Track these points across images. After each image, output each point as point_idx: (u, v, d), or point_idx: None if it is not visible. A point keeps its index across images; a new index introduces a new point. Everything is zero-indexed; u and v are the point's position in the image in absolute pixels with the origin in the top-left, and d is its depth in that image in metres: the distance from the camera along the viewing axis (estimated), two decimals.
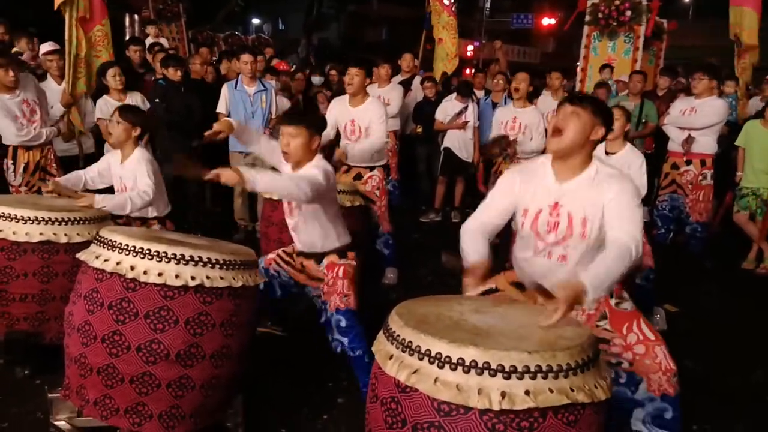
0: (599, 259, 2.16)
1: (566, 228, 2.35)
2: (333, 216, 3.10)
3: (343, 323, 3.03)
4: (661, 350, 2.39)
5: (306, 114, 3.11)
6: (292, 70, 8.55)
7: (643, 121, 6.71)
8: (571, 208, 2.34)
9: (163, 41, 9.03)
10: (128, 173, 3.64)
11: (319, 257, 3.16)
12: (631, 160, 3.90)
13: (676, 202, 5.48)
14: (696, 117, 5.26)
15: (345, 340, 3.02)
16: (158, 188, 3.65)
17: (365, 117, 4.54)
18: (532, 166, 2.51)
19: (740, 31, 7.26)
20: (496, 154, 5.16)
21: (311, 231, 3.10)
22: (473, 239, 2.50)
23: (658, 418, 2.42)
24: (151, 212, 3.75)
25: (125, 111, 3.72)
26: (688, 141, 5.28)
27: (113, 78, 5.16)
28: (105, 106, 5.17)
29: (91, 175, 3.79)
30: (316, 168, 2.92)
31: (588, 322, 2.44)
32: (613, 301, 2.46)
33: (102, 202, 3.38)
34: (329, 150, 4.47)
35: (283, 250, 3.33)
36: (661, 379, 2.38)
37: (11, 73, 4.40)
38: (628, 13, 8.47)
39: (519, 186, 2.48)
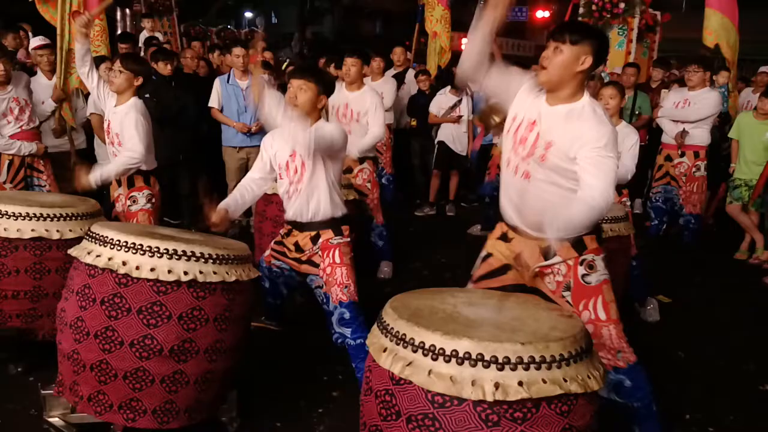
0: (567, 211, 2.20)
1: (531, 146, 2.40)
2: (335, 179, 3.12)
3: (347, 315, 3.03)
4: (608, 330, 2.44)
5: (317, 69, 3.11)
6: (283, 62, 8.51)
7: (637, 113, 6.72)
8: (543, 129, 2.38)
9: (158, 35, 8.98)
10: (117, 119, 3.69)
11: (315, 233, 3.11)
12: (626, 135, 3.96)
13: (669, 193, 5.50)
14: (690, 110, 5.28)
15: (348, 331, 3.03)
16: (147, 141, 3.70)
17: (360, 103, 4.57)
18: (536, 86, 2.51)
19: (722, 42, 7.04)
20: (495, 124, 5.12)
21: (314, 194, 3.06)
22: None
23: (618, 386, 2.50)
24: (138, 165, 3.75)
25: (128, 60, 3.77)
26: (682, 135, 5.30)
27: (105, 72, 5.13)
28: (98, 101, 5.13)
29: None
30: (326, 126, 2.96)
31: (557, 289, 2.48)
32: (580, 271, 2.45)
33: (96, 178, 3.52)
34: None
35: (274, 242, 3.31)
36: (608, 356, 2.45)
37: (2, 68, 4.37)
38: (622, 5, 8.47)
39: (523, 88, 2.50)
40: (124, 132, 3.64)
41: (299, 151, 3.01)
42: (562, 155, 2.32)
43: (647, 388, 2.54)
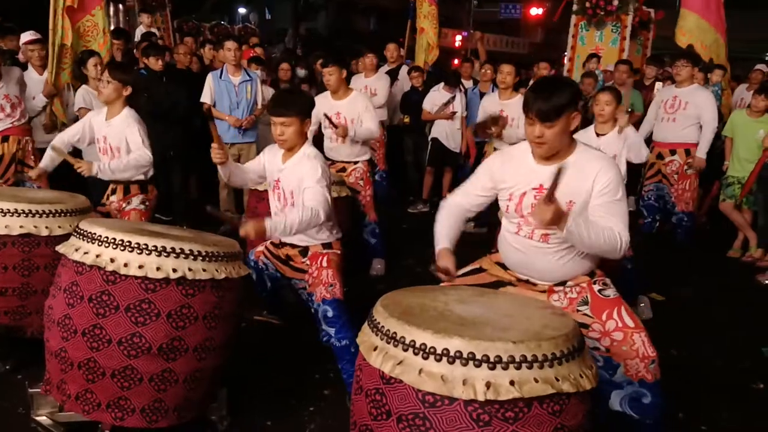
0: (594, 225, 2.23)
1: None
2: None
3: (330, 313, 3.00)
4: (640, 337, 2.39)
5: (293, 99, 3.07)
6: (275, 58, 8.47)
7: (629, 110, 6.71)
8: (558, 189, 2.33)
9: (154, 31, 8.91)
10: (114, 132, 3.62)
11: (304, 249, 3.13)
12: (622, 141, 3.97)
13: (661, 191, 5.50)
14: (706, 130, 5.34)
15: (332, 331, 3.00)
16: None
17: (351, 109, 4.53)
18: (514, 152, 2.52)
19: (688, 37, 7.08)
20: (491, 133, 5.13)
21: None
22: (448, 216, 2.59)
23: (636, 401, 2.43)
24: (136, 176, 3.72)
25: (115, 70, 3.69)
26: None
27: (94, 67, 5.08)
28: (87, 96, 5.09)
29: (69, 138, 3.76)
30: (312, 169, 2.91)
31: (570, 305, 2.45)
32: (596, 287, 2.47)
33: (100, 169, 3.47)
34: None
35: (271, 242, 3.30)
36: (639, 366, 2.39)
37: None
38: (615, 2, 8.47)
39: (500, 168, 2.49)
40: (130, 142, 3.58)
41: (282, 184, 3.06)
42: (582, 207, 2.32)
43: (662, 406, 2.47)
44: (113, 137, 3.61)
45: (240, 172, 3.17)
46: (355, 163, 4.64)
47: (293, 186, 2.99)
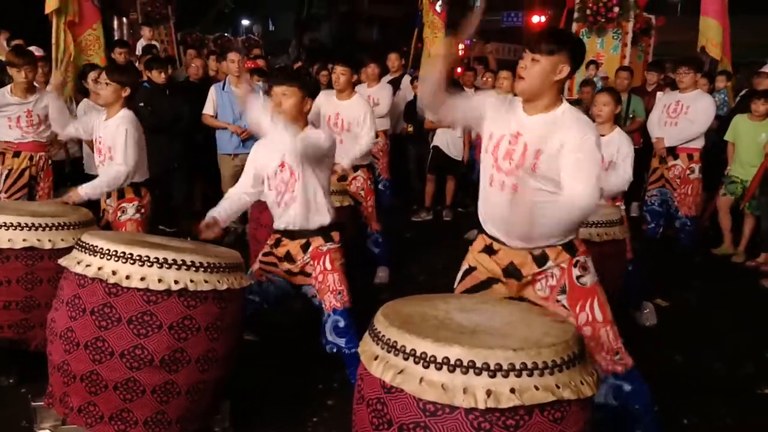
0: (548, 211, 2.23)
1: (519, 157, 2.38)
2: (325, 187, 3.12)
3: (342, 324, 3.02)
4: (605, 331, 2.41)
5: (297, 73, 3.10)
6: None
7: (631, 116, 6.72)
8: (529, 139, 2.37)
9: (155, 44, 8.99)
10: (108, 133, 3.63)
11: (305, 241, 3.10)
12: (621, 143, 3.95)
13: (665, 196, 5.50)
14: (691, 127, 5.30)
15: (342, 341, 3.01)
16: (139, 154, 3.65)
17: (351, 112, 4.57)
18: (505, 99, 2.55)
19: (707, 42, 7.30)
20: None
21: (305, 203, 3.05)
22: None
23: (618, 391, 2.46)
24: (128, 179, 3.70)
25: (114, 72, 3.71)
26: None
27: (93, 81, 5.12)
28: (88, 109, 5.13)
29: (76, 127, 3.87)
30: (318, 131, 2.97)
31: (551, 293, 2.44)
32: (575, 273, 2.44)
33: (86, 192, 3.48)
34: None
35: (262, 254, 3.27)
36: (606, 359, 2.42)
37: (23, 75, 4.36)
38: (616, 9, 8.49)
39: (491, 106, 2.50)
40: (116, 145, 3.58)
41: (288, 158, 3.00)
42: (551, 163, 2.32)
43: (646, 391, 2.52)
44: (107, 138, 3.62)
45: (231, 209, 3.16)
46: (356, 170, 4.64)
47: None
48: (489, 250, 2.55)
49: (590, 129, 2.35)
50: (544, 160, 2.33)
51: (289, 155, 2.96)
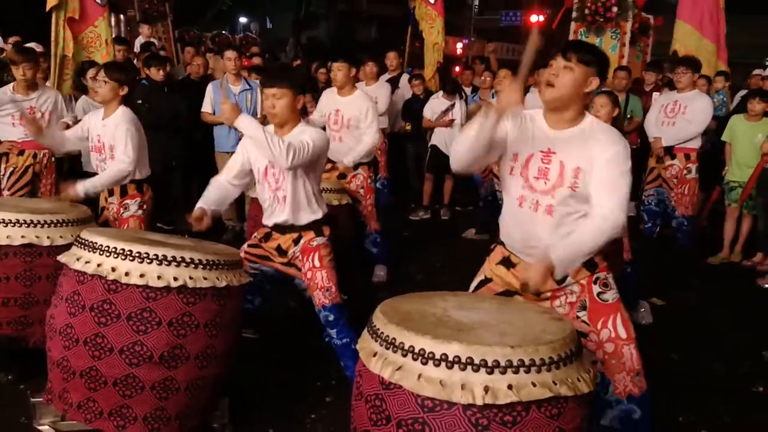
0: (576, 234, 2.19)
1: (557, 177, 2.27)
2: (316, 182, 3.13)
3: (331, 318, 3.09)
4: (629, 350, 2.34)
5: (286, 71, 3.11)
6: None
7: (628, 116, 6.72)
8: (563, 157, 2.27)
9: (154, 41, 8.98)
10: (108, 132, 3.63)
11: (297, 235, 3.12)
12: None
13: (662, 196, 5.51)
14: (689, 127, 5.32)
15: (333, 332, 3.09)
16: (140, 151, 3.65)
17: (352, 108, 4.56)
18: (522, 115, 2.38)
19: (680, 47, 7.31)
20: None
21: (296, 200, 3.07)
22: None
23: (626, 419, 2.38)
24: (129, 177, 3.71)
25: (112, 70, 3.70)
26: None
27: (92, 78, 5.12)
28: (87, 106, 5.13)
29: (70, 136, 3.83)
30: (304, 133, 2.94)
31: (570, 310, 2.39)
32: (595, 290, 2.38)
33: (85, 189, 3.47)
34: None
35: (248, 245, 3.29)
36: (626, 379, 2.34)
37: (21, 72, 4.36)
38: (615, 9, 8.49)
39: (511, 128, 2.34)
40: (117, 143, 3.58)
41: (277, 166, 3.02)
42: (590, 181, 2.23)
43: (651, 419, 2.42)
44: (107, 136, 3.61)
45: (216, 195, 3.15)
46: (356, 167, 4.63)
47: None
48: (507, 263, 2.48)
49: (620, 140, 2.29)
50: (583, 177, 2.25)
51: (278, 164, 3.01)
